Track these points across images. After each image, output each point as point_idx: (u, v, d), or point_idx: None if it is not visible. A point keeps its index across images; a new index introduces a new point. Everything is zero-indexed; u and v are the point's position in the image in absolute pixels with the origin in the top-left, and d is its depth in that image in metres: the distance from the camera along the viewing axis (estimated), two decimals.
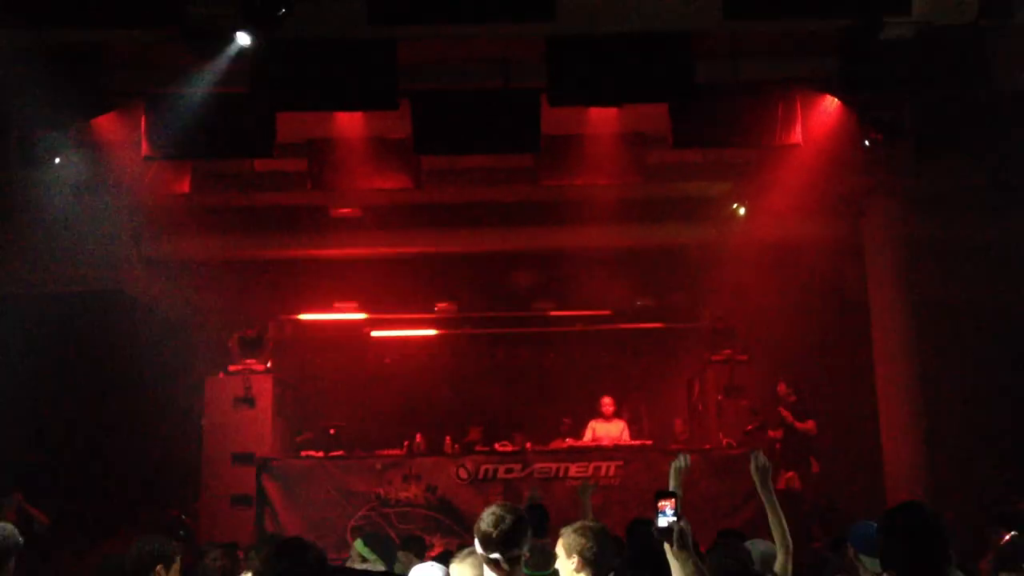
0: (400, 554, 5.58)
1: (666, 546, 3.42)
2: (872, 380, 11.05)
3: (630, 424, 12.27)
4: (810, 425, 11.34)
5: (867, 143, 9.17)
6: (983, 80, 8.20)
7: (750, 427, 11.43)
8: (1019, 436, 11.09)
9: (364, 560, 4.99)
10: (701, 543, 4.38)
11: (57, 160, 8.90)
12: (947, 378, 11.04)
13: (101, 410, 11.95)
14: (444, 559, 4.58)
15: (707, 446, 11.60)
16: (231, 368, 12.03)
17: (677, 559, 3.41)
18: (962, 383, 11.32)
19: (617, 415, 12.01)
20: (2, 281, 10.99)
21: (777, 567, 4.52)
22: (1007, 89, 8.47)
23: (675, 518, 3.42)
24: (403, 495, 10.97)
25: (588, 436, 11.84)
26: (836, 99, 9.24)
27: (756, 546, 4.76)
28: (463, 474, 11.05)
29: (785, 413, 11.40)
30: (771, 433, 11.35)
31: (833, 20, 8.10)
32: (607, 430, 11.83)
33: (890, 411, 10.83)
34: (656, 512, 3.44)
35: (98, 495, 11.30)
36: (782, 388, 11.51)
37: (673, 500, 3.45)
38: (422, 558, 6.02)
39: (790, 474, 10.94)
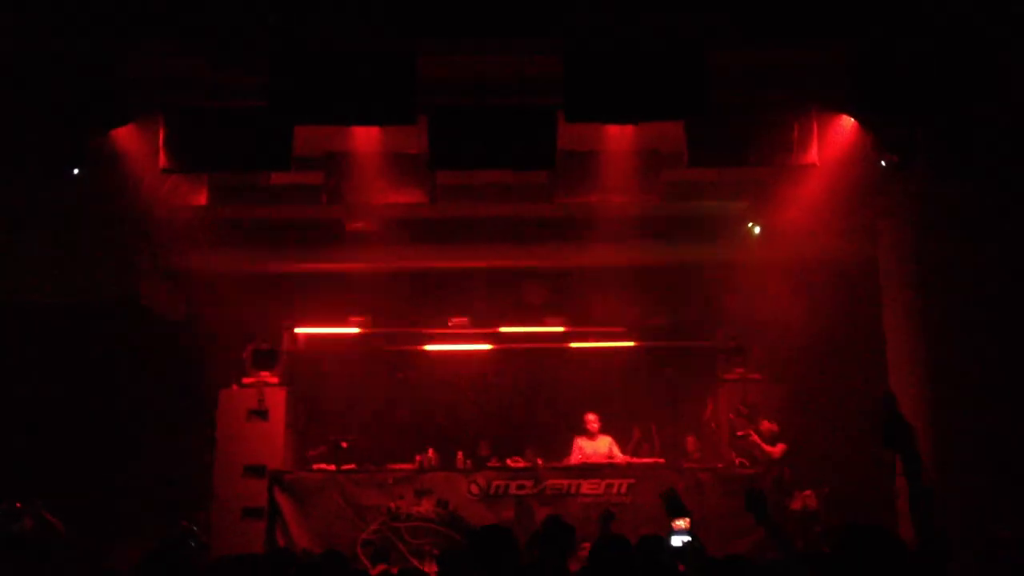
0: None
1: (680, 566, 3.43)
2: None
3: (639, 441, 12.25)
4: (777, 449, 11.38)
5: (883, 164, 9.16)
6: (998, 100, 8.19)
7: (740, 432, 11.48)
8: None
9: None
10: None
11: (76, 171, 8.96)
12: (961, 402, 10.96)
13: (113, 420, 11.98)
14: None
15: (719, 465, 11.57)
16: (244, 380, 12.07)
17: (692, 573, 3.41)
18: (976, 408, 11.23)
19: (606, 431, 11.96)
20: (17, 289, 11.06)
21: None
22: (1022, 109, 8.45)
23: (689, 538, 3.43)
24: (414, 510, 10.96)
25: (575, 454, 11.80)
26: (851, 119, 9.24)
27: None
28: (475, 489, 11.05)
29: (755, 438, 11.46)
30: (754, 451, 11.38)
31: (847, 40, 8.11)
32: (594, 447, 11.79)
33: None
34: (670, 531, 3.45)
35: (109, 505, 11.31)
36: (765, 425, 11.57)
37: (688, 520, 3.46)
38: None
39: (807, 492, 10.89)
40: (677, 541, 3.48)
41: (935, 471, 10.29)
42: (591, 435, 11.86)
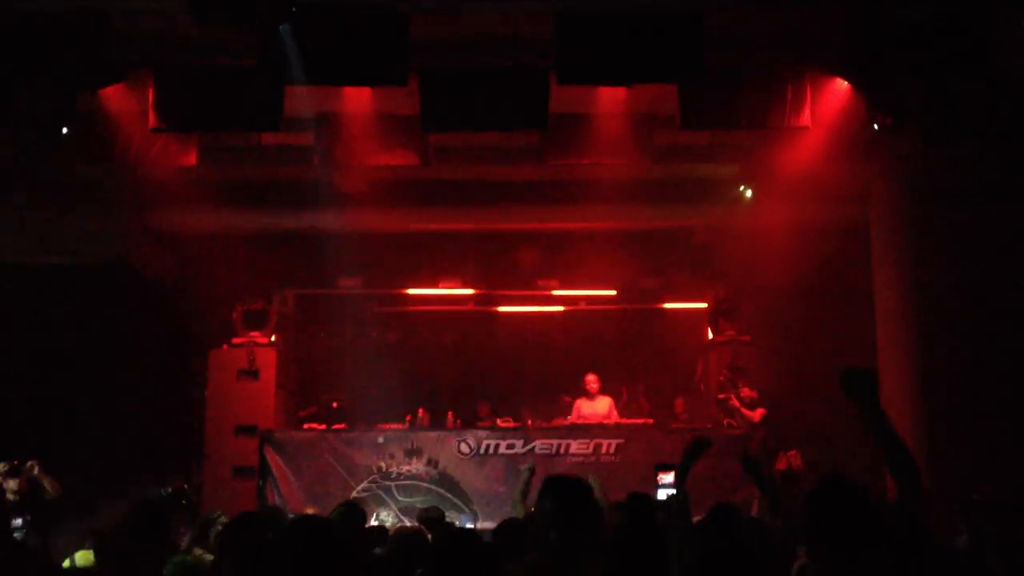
0: None
1: (664, 517, 3.45)
2: (875, 363, 11.05)
3: (627, 402, 12.32)
4: (756, 414, 11.45)
5: (876, 127, 9.15)
6: (994, 66, 8.17)
7: (722, 395, 11.55)
8: (1018, 423, 11.11)
9: None
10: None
11: (64, 130, 8.89)
12: (949, 363, 11.05)
13: (103, 382, 12.00)
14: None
15: (708, 426, 11.65)
16: (235, 341, 12.08)
17: (675, 530, 3.43)
18: (964, 368, 11.33)
19: (603, 392, 12.02)
20: (4, 250, 11.01)
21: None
22: (1018, 74, 8.43)
23: (674, 491, 3.46)
24: (404, 468, 11.04)
25: (575, 415, 11.87)
26: (846, 82, 9.21)
27: None
28: (464, 449, 11.12)
29: (735, 402, 11.52)
30: (747, 412, 11.44)
31: (843, 2, 8.07)
32: (592, 408, 11.85)
33: (891, 396, 10.84)
34: (656, 485, 3.48)
35: (100, 466, 11.35)
36: (745, 391, 11.64)
37: (673, 473, 3.49)
38: None
39: (792, 452, 10.99)
40: (662, 494, 3.50)
41: (925, 432, 10.41)
42: (591, 396, 11.91)
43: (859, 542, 3.25)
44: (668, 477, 3.53)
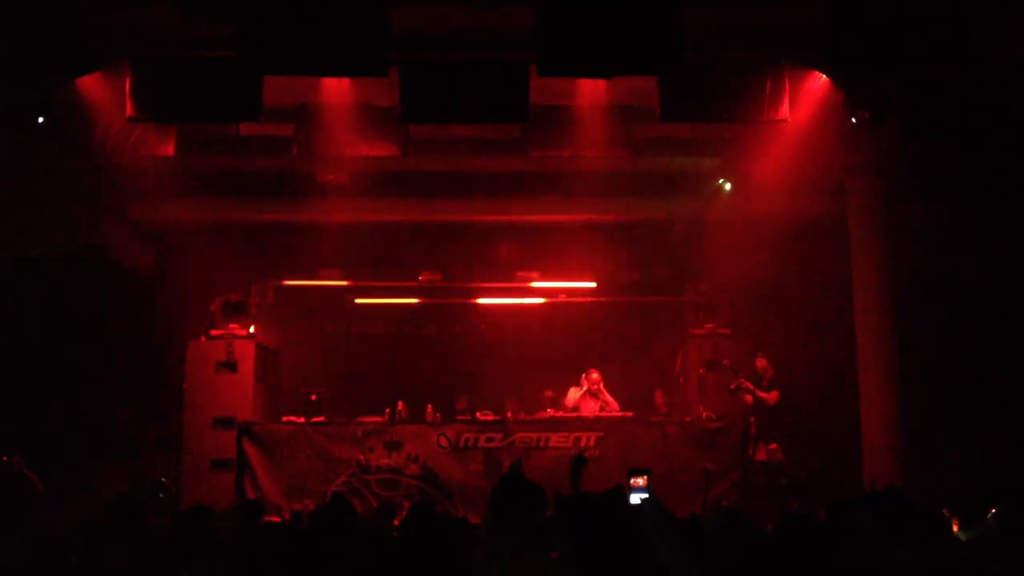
0: None
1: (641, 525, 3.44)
2: (853, 356, 11.12)
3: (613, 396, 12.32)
4: (772, 396, 11.23)
5: (853, 121, 9.20)
6: (971, 62, 8.22)
7: (733, 385, 11.40)
8: (993, 415, 11.22)
9: None
10: (678, 514, 4.41)
11: (41, 119, 8.81)
12: (926, 356, 11.13)
13: (81, 373, 11.92)
14: None
15: (687, 418, 11.69)
16: (213, 332, 12.00)
17: (654, 533, 3.43)
18: (941, 362, 11.42)
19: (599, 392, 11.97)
20: None
21: None
22: (994, 71, 8.49)
23: (647, 495, 3.45)
24: (384, 462, 11.00)
25: (568, 403, 11.84)
26: (824, 76, 9.25)
27: None
28: (444, 442, 11.09)
29: (747, 383, 11.29)
30: (747, 398, 11.33)
31: None
32: (588, 404, 11.83)
33: (869, 388, 10.92)
34: (629, 488, 3.47)
35: (76, 459, 11.28)
36: (761, 363, 11.49)
37: (645, 477, 3.48)
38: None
39: (772, 446, 11.02)
40: (636, 499, 3.49)
41: (901, 422, 10.50)
42: (592, 393, 11.83)
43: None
44: (641, 480, 3.52)
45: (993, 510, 6.19)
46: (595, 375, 11.90)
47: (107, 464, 11.12)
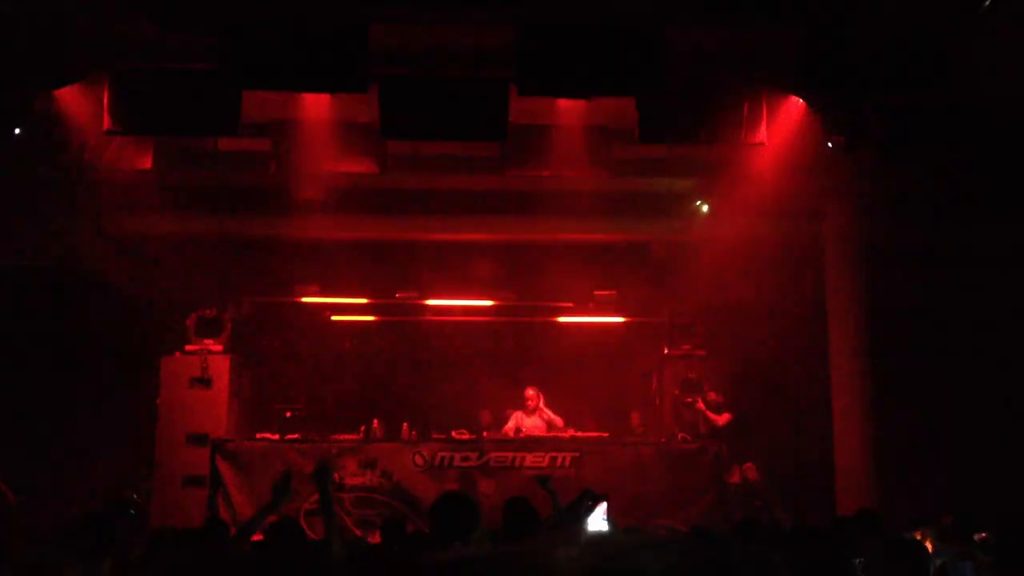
0: None
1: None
2: (828, 378, 11.18)
3: (579, 417, 12.27)
4: (722, 418, 11.51)
5: (829, 145, 9.28)
6: (946, 87, 8.32)
7: (688, 400, 11.63)
8: (967, 441, 11.29)
9: None
10: (654, 534, 4.41)
11: (17, 130, 8.75)
12: (900, 381, 11.20)
13: (52, 386, 11.79)
14: None
15: (662, 439, 11.70)
16: (188, 348, 11.92)
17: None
18: (915, 387, 11.49)
19: (547, 406, 11.88)
20: None
21: None
22: (970, 96, 8.59)
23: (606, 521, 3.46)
24: (358, 480, 10.93)
25: (511, 426, 11.75)
26: (800, 100, 9.33)
27: None
28: (419, 461, 11.03)
29: (701, 405, 11.63)
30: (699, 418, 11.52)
31: (799, 22, 8.18)
32: (531, 423, 11.75)
33: (843, 411, 10.98)
34: (583, 509, 3.46)
35: (47, 474, 11.15)
36: (712, 395, 11.72)
37: (604, 504, 3.48)
38: None
39: (748, 465, 11.06)
40: (592, 523, 3.50)
41: (875, 444, 10.55)
42: (528, 411, 11.79)
43: None
44: (600, 506, 3.53)
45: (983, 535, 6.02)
46: (530, 391, 11.77)
47: (76, 479, 11.00)
